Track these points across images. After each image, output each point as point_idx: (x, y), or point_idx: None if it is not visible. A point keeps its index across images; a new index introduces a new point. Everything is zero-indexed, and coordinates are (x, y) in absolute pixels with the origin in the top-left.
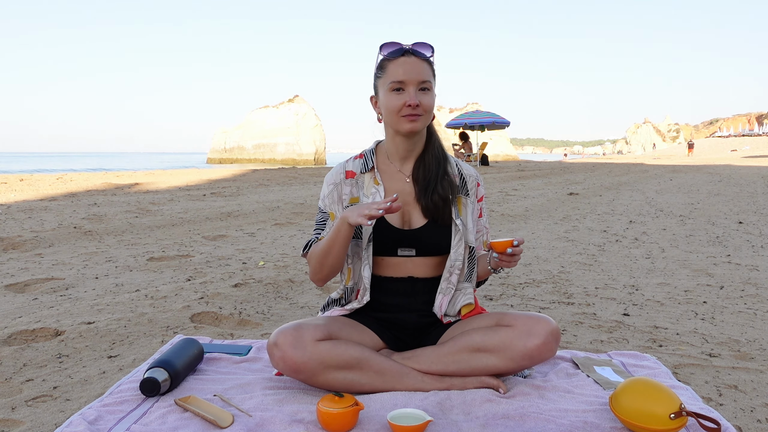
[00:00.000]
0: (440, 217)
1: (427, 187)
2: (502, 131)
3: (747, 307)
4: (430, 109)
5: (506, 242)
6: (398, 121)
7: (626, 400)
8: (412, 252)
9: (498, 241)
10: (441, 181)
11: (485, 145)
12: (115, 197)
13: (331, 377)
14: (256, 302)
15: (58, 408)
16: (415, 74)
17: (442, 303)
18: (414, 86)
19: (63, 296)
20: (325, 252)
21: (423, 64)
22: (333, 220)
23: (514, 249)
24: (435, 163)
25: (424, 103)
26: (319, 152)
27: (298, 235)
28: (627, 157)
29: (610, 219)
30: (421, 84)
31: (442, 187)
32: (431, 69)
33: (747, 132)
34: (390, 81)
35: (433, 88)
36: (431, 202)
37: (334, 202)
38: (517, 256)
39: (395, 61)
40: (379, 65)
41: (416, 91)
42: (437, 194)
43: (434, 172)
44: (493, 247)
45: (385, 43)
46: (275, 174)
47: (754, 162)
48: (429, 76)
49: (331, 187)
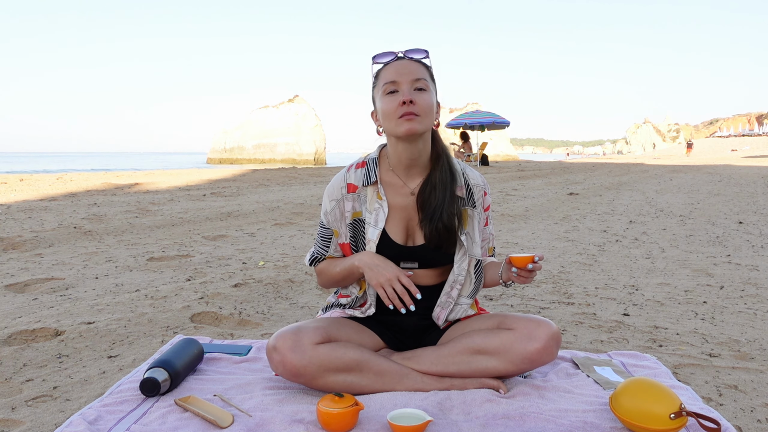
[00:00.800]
0: (444, 245)
1: (432, 217)
2: (502, 131)
3: (747, 307)
4: (427, 109)
5: (527, 258)
6: (396, 124)
7: (626, 400)
8: (415, 265)
9: (518, 257)
10: (446, 210)
11: (485, 145)
12: (115, 197)
13: (330, 380)
14: (256, 302)
15: (58, 408)
16: (408, 73)
17: (439, 315)
18: (408, 84)
19: (63, 296)
20: (337, 280)
21: (416, 64)
22: (337, 237)
23: (534, 265)
24: (442, 188)
25: (419, 101)
26: (319, 152)
27: (298, 235)
28: (627, 157)
29: (610, 219)
30: (415, 83)
31: (448, 217)
32: (427, 70)
33: (747, 132)
34: (383, 83)
35: (430, 89)
36: (435, 231)
37: (337, 220)
38: (534, 273)
39: (388, 66)
40: (374, 75)
41: (410, 90)
42: (441, 224)
43: (440, 200)
44: (512, 262)
45: (377, 54)
46: (275, 174)
47: (754, 162)
48: (423, 75)
49: (333, 204)
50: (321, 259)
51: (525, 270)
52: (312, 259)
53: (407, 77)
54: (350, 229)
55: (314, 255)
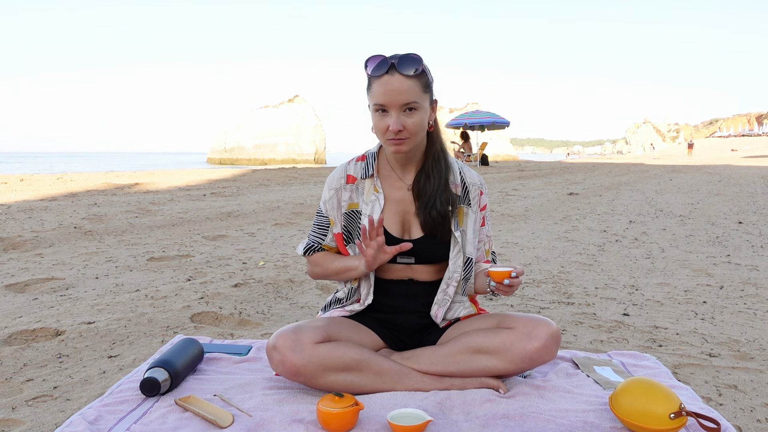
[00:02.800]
0: (439, 233)
1: (426, 203)
2: (502, 131)
3: (747, 307)
4: (416, 131)
5: (504, 273)
6: (385, 142)
7: (626, 400)
8: (411, 260)
9: (496, 271)
10: (440, 197)
11: (485, 145)
12: (115, 197)
13: (330, 379)
14: (256, 302)
15: (59, 408)
16: (398, 96)
17: (437, 313)
18: (397, 110)
19: (63, 296)
20: (331, 274)
21: (407, 82)
22: (333, 225)
23: (512, 280)
24: (436, 176)
25: (408, 125)
26: (319, 152)
27: (298, 235)
28: (627, 157)
29: (610, 219)
30: (405, 106)
31: (441, 204)
32: (419, 84)
33: (747, 132)
34: (374, 102)
35: (420, 107)
36: (429, 217)
37: (334, 208)
38: (514, 287)
39: (379, 80)
40: (367, 81)
41: (399, 114)
42: (435, 210)
43: (434, 188)
44: (490, 276)
45: (370, 58)
46: (275, 174)
47: (754, 162)
48: (414, 96)
49: (331, 193)
50: (317, 248)
51: (502, 284)
52: (307, 249)
53: (397, 101)
54: (345, 219)
55: (310, 244)
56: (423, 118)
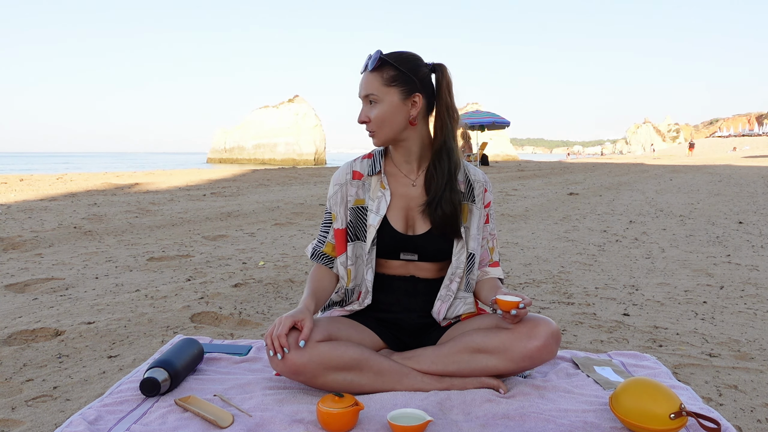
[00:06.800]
0: (448, 230)
1: (432, 202)
2: (502, 131)
3: (747, 307)
4: (380, 122)
5: (512, 303)
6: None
7: (626, 400)
8: (414, 257)
9: (504, 300)
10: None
11: (485, 145)
12: (115, 197)
13: (330, 378)
14: (256, 302)
15: (58, 408)
16: (362, 90)
17: (440, 309)
18: (363, 102)
19: (63, 296)
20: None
21: (369, 76)
22: (335, 220)
23: (519, 311)
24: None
25: (372, 117)
26: (319, 152)
27: (298, 235)
28: (627, 157)
29: (610, 219)
30: (365, 99)
31: (447, 202)
32: (380, 78)
33: (747, 132)
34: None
35: (381, 100)
36: (439, 218)
37: (338, 204)
38: (520, 318)
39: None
40: None
41: (364, 106)
42: (441, 210)
43: (440, 187)
44: (498, 304)
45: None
46: (275, 174)
47: (754, 162)
48: (372, 89)
49: (336, 188)
50: (320, 252)
51: (508, 314)
52: (313, 253)
53: (361, 93)
54: (351, 215)
55: (315, 248)
56: (386, 111)
